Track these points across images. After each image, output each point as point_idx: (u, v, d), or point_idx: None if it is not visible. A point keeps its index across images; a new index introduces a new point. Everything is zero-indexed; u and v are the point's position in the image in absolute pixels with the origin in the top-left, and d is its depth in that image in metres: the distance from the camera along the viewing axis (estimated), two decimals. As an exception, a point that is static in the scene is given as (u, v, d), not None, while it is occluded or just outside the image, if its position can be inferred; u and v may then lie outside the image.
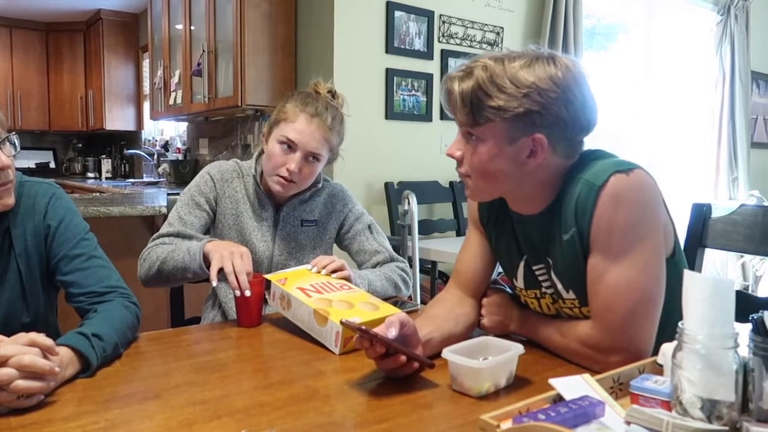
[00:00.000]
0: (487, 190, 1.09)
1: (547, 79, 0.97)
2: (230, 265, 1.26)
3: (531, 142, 1.00)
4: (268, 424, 0.82)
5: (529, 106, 0.97)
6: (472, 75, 1.00)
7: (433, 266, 2.90)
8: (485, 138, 1.01)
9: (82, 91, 5.95)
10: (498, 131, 1.00)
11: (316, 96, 1.52)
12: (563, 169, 1.06)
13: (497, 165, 1.03)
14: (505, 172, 1.03)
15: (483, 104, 0.99)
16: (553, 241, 1.08)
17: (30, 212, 1.19)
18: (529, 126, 0.99)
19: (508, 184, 1.06)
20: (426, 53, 3.34)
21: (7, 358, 0.85)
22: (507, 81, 0.98)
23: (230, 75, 3.32)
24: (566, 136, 1.02)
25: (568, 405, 0.74)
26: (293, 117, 1.46)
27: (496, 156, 1.02)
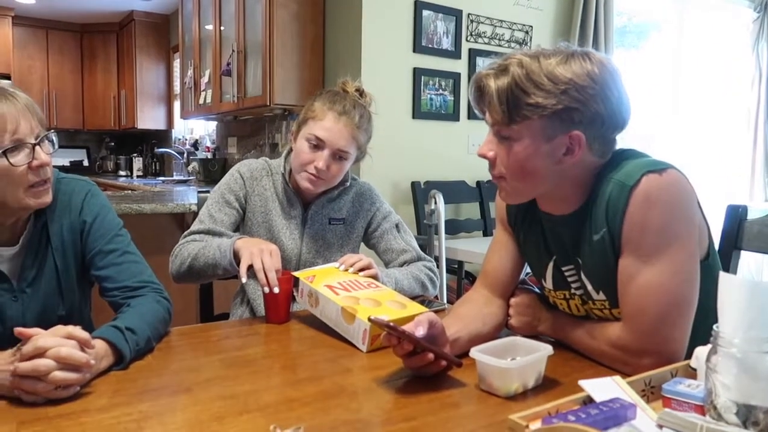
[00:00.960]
0: (523, 191, 1.07)
1: (585, 75, 0.97)
2: (259, 262, 1.27)
3: (568, 140, 0.99)
4: (296, 420, 0.82)
5: (568, 103, 0.96)
6: (508, 72, 0.99)
7: (459, 266, 2.89)
8: (521, 136, 1.00)
9: (114, 90, 6.08)
10: (535, 129, 0.99)
11: (343, 94, 1.53)
12: (596, 168, 1.05)
13: (534, 164, 1.01)
14: (542, 171, 1.02)
15: (520, 102, 0.97)
16: (584, 241, 1.06)
17: (66, 208, 1.22)
18: (566, 123, 0.98)
19: (545, 184, 1.05)
20: (454, 52, 3.32)
21: (46, 350, 0.87)
22: (544, 78, 0.96)
23: (259, 75, 3.36)
24: (602, 134, 1.01)
25: (598, 407, 0.73)
26: (321, 115, 1.47)
27: (533, 155, 1.00)
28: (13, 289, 1.17)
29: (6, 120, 1.05)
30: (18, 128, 1.07)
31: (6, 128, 1.05)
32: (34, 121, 1.10)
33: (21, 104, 1.08)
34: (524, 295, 1.21)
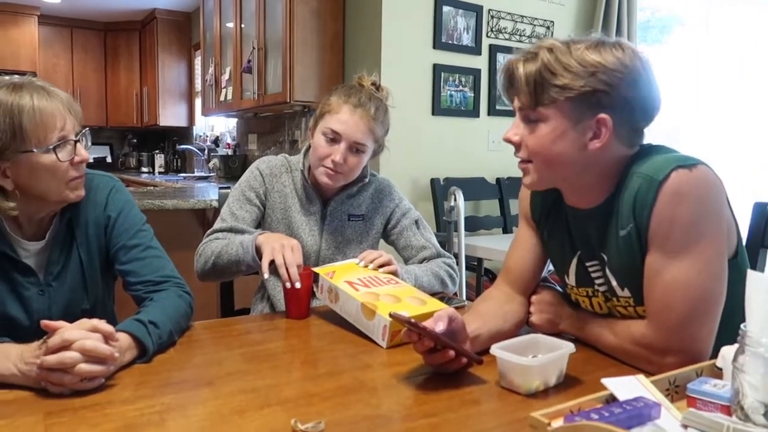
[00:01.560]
0: (547, 176, 1.05)
1: (614, 60, 0.96)
2: (281, 258, 1.28)
3: (595, 123, 0.98)
4: (316, 415, 0.83)
5: (595, 85, 0.95)
6: (537, 57, 0.99)
7: (479, 263, 2.88)
8: (547, 119, 0.99)
9: (137, 88, 6.15)
10: (561, 111, 0.98)
11: (359, 88, 1.53)
12: (623, 159, 1.03)
13: (559, 147, 1.00)
14: (567, 155, 1.00)
15: (548, 83, 0.97)
16: (609, 236, 1.05)
17: (91, 204, 1.24)
18: (594, 106, 0.97)
19: (570, 170, 1.03)
20: (474, 48, 3.31)
21: (71, 343, 0.89)
22: (573, 60, 0.96)
23: (279, 71, 3.37)
24: (630, 121, 0.99)
25: (621, 405, 0.72)
26: (337, 108, 1.48)
27: (559, 138, 0.99)
28: (39, 282, 1.19)
29: (55, 117, 1.08)
30: (65, 125, 1.10)
31: (55, 125, 1.08)
32: (74, 118, 1.13)
33: (64, 101, 1.11)
34: (546, 292, 1.20)
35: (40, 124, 1.06)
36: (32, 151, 1.07)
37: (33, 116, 1.05)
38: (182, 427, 0.80)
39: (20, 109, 1.04)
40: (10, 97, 1.04)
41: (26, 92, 1.06)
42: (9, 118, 1.04)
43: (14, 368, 0.90)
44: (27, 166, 1.08)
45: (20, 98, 1.05)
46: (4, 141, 1.04)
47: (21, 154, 1.06)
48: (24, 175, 1.09)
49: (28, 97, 1.06)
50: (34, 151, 1.07)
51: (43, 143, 1.07)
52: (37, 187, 1.11)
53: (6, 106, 1.04)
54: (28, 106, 1.05)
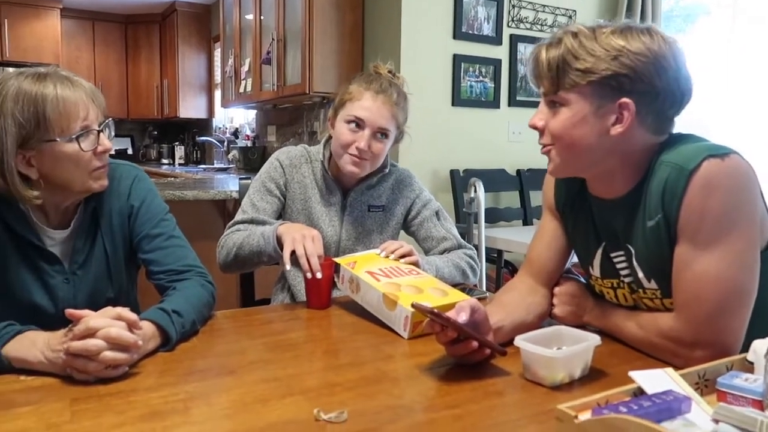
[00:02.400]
0: (570, 162, 1.04)
1: (640, 44, 0.94)
2: (302, 248, 1.28)
3: (617, 108, 0.96)
4: (339, 404, 0.82)
5: (618, 69, 0.94)
6: (561, 42, 0.98)
7: (499, 255, 2.86)
8: (569, 103, 0.98)
9: (157, 80, 6.20)
10: (583, 96, 0.97)
11: (377, 76, 1.53)
12: (650, 147, 1.01)
13: (580, 132, 0.98)
14: (589, 140, 0.99)
15: (569, 67, 0.96)
16: (636, 227, 1.03)
17: (115, 193, 1.24)
18: (616, 90, 0.95)
19: (592, 157, 1.01)
20: (494, 38, 3.27)
21: (96, 330, 0.89)
22: (597, 45, 0.95)
23: (298, 63, 3.37)
24: (656, 108, 0.97)
25: (651, 399, 0.71)
26: (359, 95, 1.48)
27: (580, 122, 0.98)
28: (65, 271, 1.20)
29: (78, 107, 1.09)
30: (88, 115, 1.10)
31: (78, 114, 1.09)
32: (98, 107, 1.14)
33: (88, 91, 1.12)
34: (569, 284, 1.18)
35: (64, 113, 1.07)
36: (56, 140, 1.07)
37: (56, 105, 1.06)
38: (206, 414, 0.81)
39: (44, 99, 1.05)
40: (34, 87, 1.05)
41: (50, 82, 1.07)
42: (33, 107, 1.04)
43: (41, 355, 0.91)
44: (51, 156, 1.09)
45: (44, 87, 1.06)
46: (28, 130, 1.05)
47: (45, 143, 1.07)
48: (48, 165, 1.10)
49: (51, 86, 1.06)
50: (58, 141, 1.08)
51: (67, 132, 1.08)
52: (61, 177, 1.11)
53: (30, 96, 1.04)
54: (51, 95, 1.06)
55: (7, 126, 1.03)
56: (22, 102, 1.04)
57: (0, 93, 1.04)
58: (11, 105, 1.03)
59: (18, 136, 1.05)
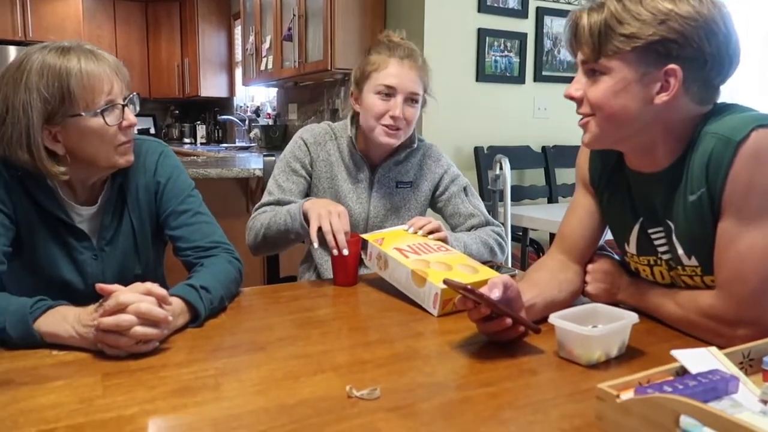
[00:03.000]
0: (609, 132, 0.98)
1: (689, 7, 0.89)
2: (328, 224, 1.26)
3: (663, 75, 0.91)
4: (371, 382, 0.81)
5: (666, 34, 0.89)
6: (604, 6, 0.93)
7: (524, 233, 2.82)
8: (611, 71, 0.93)
9: (178, 59, 6.19)
10: (627, 62, 0.92)
11: (395, 42, 1.51)
12: (694, 117, 0.97)
13: (623, 101, 0.93)
14: (631, 109, 0.94)
15: (613, 32, 0.91)
16: (677, 202, 0.99)
17: (141, 169, 1.24)
18: (663, 57, 0.90)
19: (632, 127, 0.96)
20: (520, 11, 3.19)
21: (127, 305, 0.89)
22: (643, 9, 0.90)
23: (320, 39, 3.33)
24: (703, 76, 0.92)
25: (696, 378, 0.68)
26: (384, 64, 1.46)
27: (623, 90, 0.93)
28: (93, 247, 1.20)
29: (103, 81, 1.08)
30: (112, 89, 1.09)
31: (102, 89, 1.08)
32: (122, 82, 1.12)
33: (113, 65, 1.11)
34: (603, 260, 1.15)
35: (88, 87, 1.06)
36: (81, 114, 1.07)
37: (81, 79, 1.05)
38: (237, 390, 0.80)
39: (68, 73, 1.04)
40: (59, 61, 1.04)
41: (74, 55, 1.05)
42: (57, 81, 1.03)
43: (72, 330, 0.91)
44: (76, 130, 1.08)
45: (68, 61, 1.04)
46: (54, 105, 1.04)
47: (70, 118, 1.06)
48: (73, 140, 1.09)
49: (75, 59, 1.05)
50: (83, 115, 1.07)
51: (92, 107, 1.07)
52: (87, 151, 1.11)
53: (54, 70, 1.03)
54: (75, 69, 1.04)
55: (32, 101, 1.03)
56: (47, 76, 1.03)
57: (24, 67, 1.04)
58: (36, 79, 1.03)
59: (44, 111, 1.04)
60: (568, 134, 3.40)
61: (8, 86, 1.04)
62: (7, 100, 1.04)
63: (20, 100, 1.03)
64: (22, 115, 1.03)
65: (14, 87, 1.03)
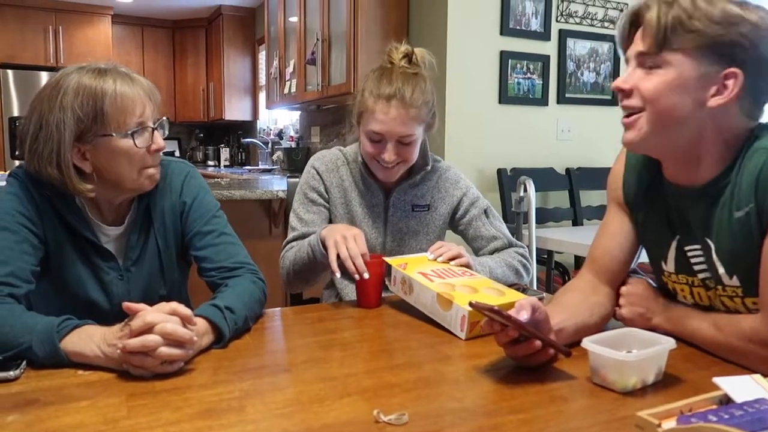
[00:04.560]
0: (657, 131, 0.95)
1: (758, 18, 0.89)
2: (345, 250, 1.24)
3: (722, 78, 0.91)
4: (398, 406, 0.79)
5: (734, 37, 0.89)
6: (675, 1, 0.92)
7: (549, 256, 2.78)
8: (670, 65, 0.92)
9: (203, 83, 6.32)
10: (689, 59, 0.91)
11: (390, 69, 1.42)
12: (741, 131, 0.95)
13: (677, 98, 0.92)
14: (685, 109, 0.92)
15: (681, 27, 0.90)
16: (720, 219, 0.96)
17: (167, 189, 1.25)
18: (726, 59, 0.90)
19: (681, 130, 0.95)
20: (543, 34, 3.19)
21: (153, 326, 0.89)
22: (714, 9, 0.89)
23: (343, 62, 3.36)
24: (758, 86, 0.92)
25: (742, 408, 0.65)
26: (372, 106, 1.38)
27: (679, 87, 0.92)
28: (119, 267, 1.21)
29: (136, 103, 1.09)
30: (144, 112, 1.11)
31: (135, 111, 1.09)
32: (154, 105, 1.14)
33: (146, 88, 1.12)
34: (637, 283, 1.12)
35: (121, 108, 1.07)
36: (111, 135, 1.08)
37: (114, 101, 1.07)
38: (262, 413, 0.79)
39: (103, 93, 1.06)
40: (95, 82, 1.06)
41: (110, 77, 1.07)
42: (92, 101, 1.05)
43: (98, 350, 0.91)
44: (105, 150, 1.09)
45: (104, 83, 1.06)
46: (86, 124, 1.06)
47: (101, 138, 1.08)
48: (101, 159, 1.10)
49: (111, 81, 1.07)
50: (113, 136, 1.08)
51: (123, 128, 1.09)
52: (113, 172, 1.12)
53: (90, 90, 1.05)
54: (110, 90, 1.06)
55: (66, 119, 1.04)
56: (82, 96, 1.05)
57: (60, 86, 1.06)
58: (71, 98, 1.05)
59: (76, 130, 1.06)
60: (592, 155, 3.37)
61: (43, 104, 1.07)
62: (42, 118, 1.06)
63: (54, 118, 1.05)
64: (55, 132, 1.05)
65: (49, 105, 1.06)
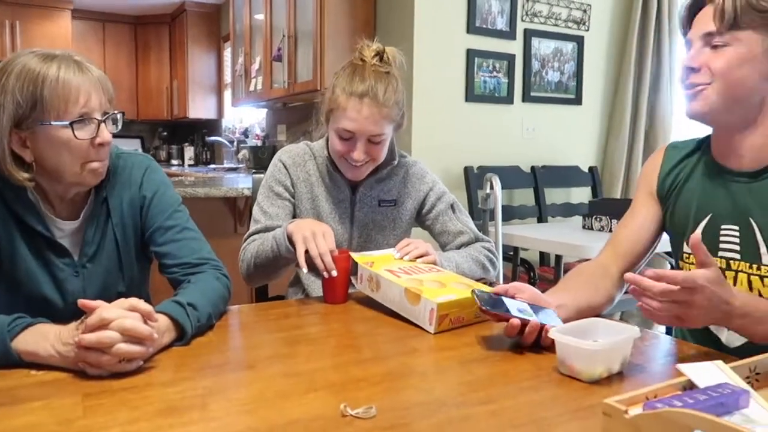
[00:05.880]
0: (727, 103, 1.03)
1: None
2: (314, 247, 1.22)
3: None
4: (366, 400, 0.78)
5: None
6: None
7: (515, 253, 2.80)
8: (739, 42, 1.00)
9: (167, 81, 6.18)
10: (756, 35, 1.00)
11: (361, 66, 1.39)
12: None
13: (746, 71, 1.01)
14: (751, 81, 1.01)
15: (750, 7, 0.99)
16: None
17: (126, 183, 1.21)
18: None
19: (747, 101, 1.03)
20: (508, 33, 3.21)
21: (110, 321, 0.85)
22: None
23: (310, 59, 3.33)
24: None
25: (706, 392, 0.66)
26: (344, 104, 1.36)
27: (748, 62, 1.00)
28: (74, 263, 1.16)
29: (79, 91, 1.04)
30: (88, 102, 1.05)
31: (78, 100, 1.04)
32: (104, 97, 1.09)
33: (95, 78, 1.07)
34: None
35: (62, 96, 1.02)
36: (50, 123, 1.03)
37: (55, 87, 1.01)
38: (225, 410, 0.76)
39: (44, 79, 1.01)
40: (39, 66, 1.01)
41: (56, 63, 1.03)
42: (32, 86, 1.00)
43: (52, 349, 0.87)
44: (45, 139, 1.04)
45: (48, 68, 1.02)
46: (24, 109, 1.01)
47: (40, 125, 1.03)
48: (41, 148, 1.05)
49: (55, 67, 1.02)
50: (52, 124, 1.03)
51: (63, 117, 1.03)
52: (53, 162, 1.06)
53: (32, 75, 1.01)
54: (52, 76, 1.01)
55: (5, 103, 1.00)
56: (23, 80, 1.00)
57: (6, 69, 1.01)
58: (13, 82, 1.00)
59: (14, 115, 1.01)
60: (556, 154, 3.41)
61: None
62: None
63: None
64: None
65: None
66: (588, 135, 3.56)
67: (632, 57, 3.46)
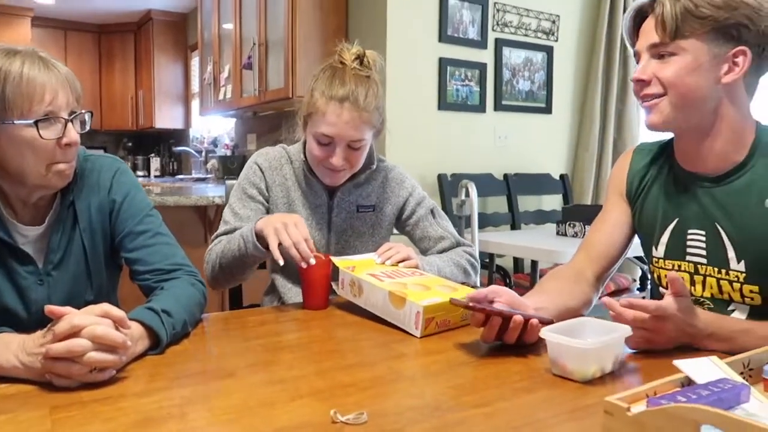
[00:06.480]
0: (681, 112, 1.03)
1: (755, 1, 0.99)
2: (287, 237, 1.17)
3: (732, 56, 1.00)
4: (356, 406, 0.74)
5: (738, 18, 0.98)
6: None
7: (491, 260, 2.80)
8: (684, 51, 1.01)
9: (132, 90, 6.06)
10: (701, 42, 1.00)
11: (341, 69, 1.36)
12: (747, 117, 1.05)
13: (694, 79, 1.01)
14: (702, 89, 1.01)
15: (691, 16, 0.99)
16: (742, 206, 1.03)
17: (94, 187, 1.15)
18: (733, 39, 1.00)
19: (701, 109, 1.03)
20: (480, 42, 3.23)
21: (80, 329, 0.80)
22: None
23: (281, 67, 3.29)
24: (760, 64, 1.02)
25: (708, 388, 0.64)
26: (323, 108, 1.32)
27: (695, 70, 1.00)
28: (38, 271, 1.10)
29: (45, 89, 0.98)
30: (54, 100, 1.00)
31: (43, 98, 0.98)
32: (71, 95, 1.03)
33: (62, 75, 1.01)
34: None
35: (26, 93, 0.96)
36: (13, 122, 0.97)
37: (18, 84, 0.96)
38: (206, 419, 0.72)
39: (6, 75, 0.95)
40: (1, 62, 0.96)
41: (19, 59, 0.97)
42: None
43: (15, 360, 0.81)
44: (6, 138, 0.98)
45: (10, 64, 0.96)
46: None
47: (2, 124, 0.97)
48: (2, 148, 0.99)
49: (18, 63, 0.96)
50: (15, 123, 0.97)
51: (27, 115, 0.97)
52: (15, 163, 1.00)
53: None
54: (15, 73, 0.96)
55: None
56: None
57: None
58: None
59: None
60: (527, 162, 3.44)
61: None
62: None
63: None
64: None
65: None
66: (558, 143, 3.60)
67: (600, 67, 3.52)
